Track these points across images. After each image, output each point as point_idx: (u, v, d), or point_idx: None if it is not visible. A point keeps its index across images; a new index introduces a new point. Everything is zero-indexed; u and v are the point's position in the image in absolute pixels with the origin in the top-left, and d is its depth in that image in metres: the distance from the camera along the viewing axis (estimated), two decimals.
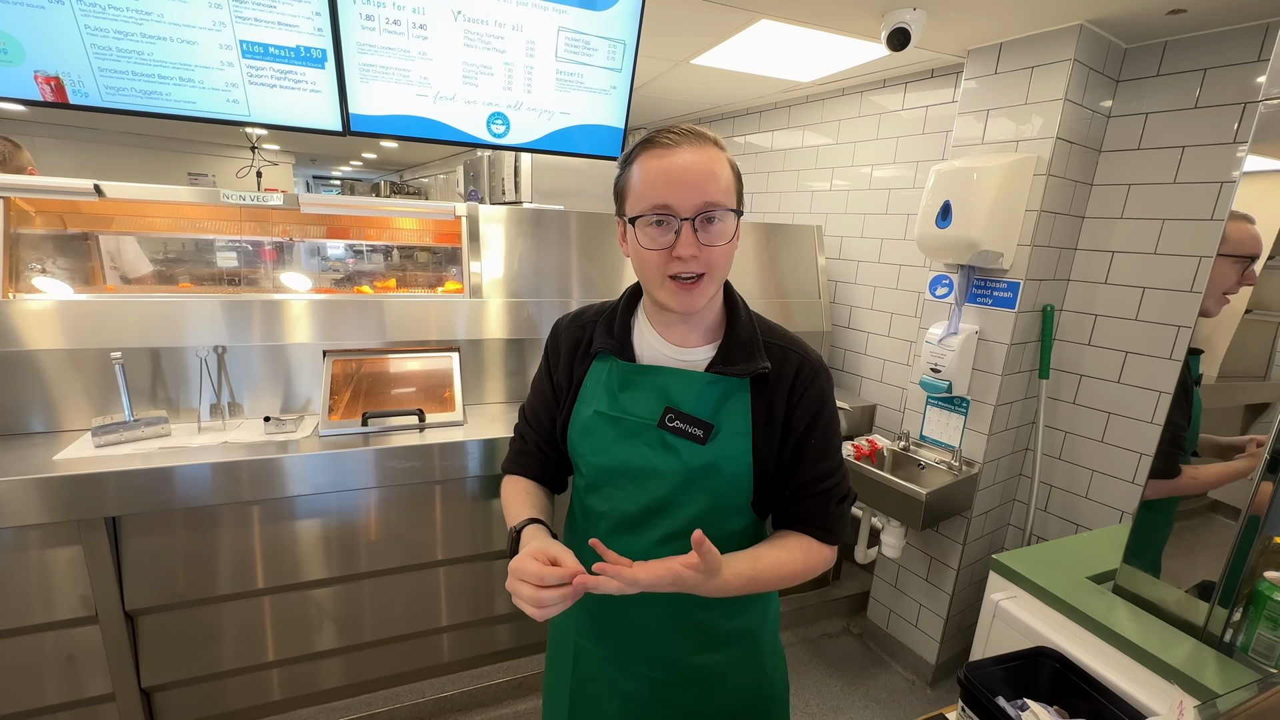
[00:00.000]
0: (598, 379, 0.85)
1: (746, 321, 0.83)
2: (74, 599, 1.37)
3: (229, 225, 1.86)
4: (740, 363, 0.79)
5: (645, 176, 0.74)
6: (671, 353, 0.83)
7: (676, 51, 2.25)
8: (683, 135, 0.74)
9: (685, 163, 0.72)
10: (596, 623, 0.90)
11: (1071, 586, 1.20)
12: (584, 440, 0.84)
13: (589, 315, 0.91)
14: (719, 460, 0.78)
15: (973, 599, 2.10)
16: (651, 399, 0.81)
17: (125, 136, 5.46)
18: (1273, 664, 0.96)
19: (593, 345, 0.86)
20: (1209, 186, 1.61)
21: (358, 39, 1.52)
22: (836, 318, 2.71)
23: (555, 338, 0.92)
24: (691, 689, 0.87)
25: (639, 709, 0.88)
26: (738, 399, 0.79)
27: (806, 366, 0.81)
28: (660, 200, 0.72)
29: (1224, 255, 1.06)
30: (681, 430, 0.79)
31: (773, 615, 0.94)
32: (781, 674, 0.96)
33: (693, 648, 0.86)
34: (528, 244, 1.97)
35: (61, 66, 1.35)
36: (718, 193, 0.72)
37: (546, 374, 0.92)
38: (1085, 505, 1.95)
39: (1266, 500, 0.96)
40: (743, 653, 0.89)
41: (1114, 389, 1.84)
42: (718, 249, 0.74)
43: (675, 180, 0.72)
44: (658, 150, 0.74)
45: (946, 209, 1.77)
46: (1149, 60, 1.72)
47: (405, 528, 1.66)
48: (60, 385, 1.51)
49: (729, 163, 0.76)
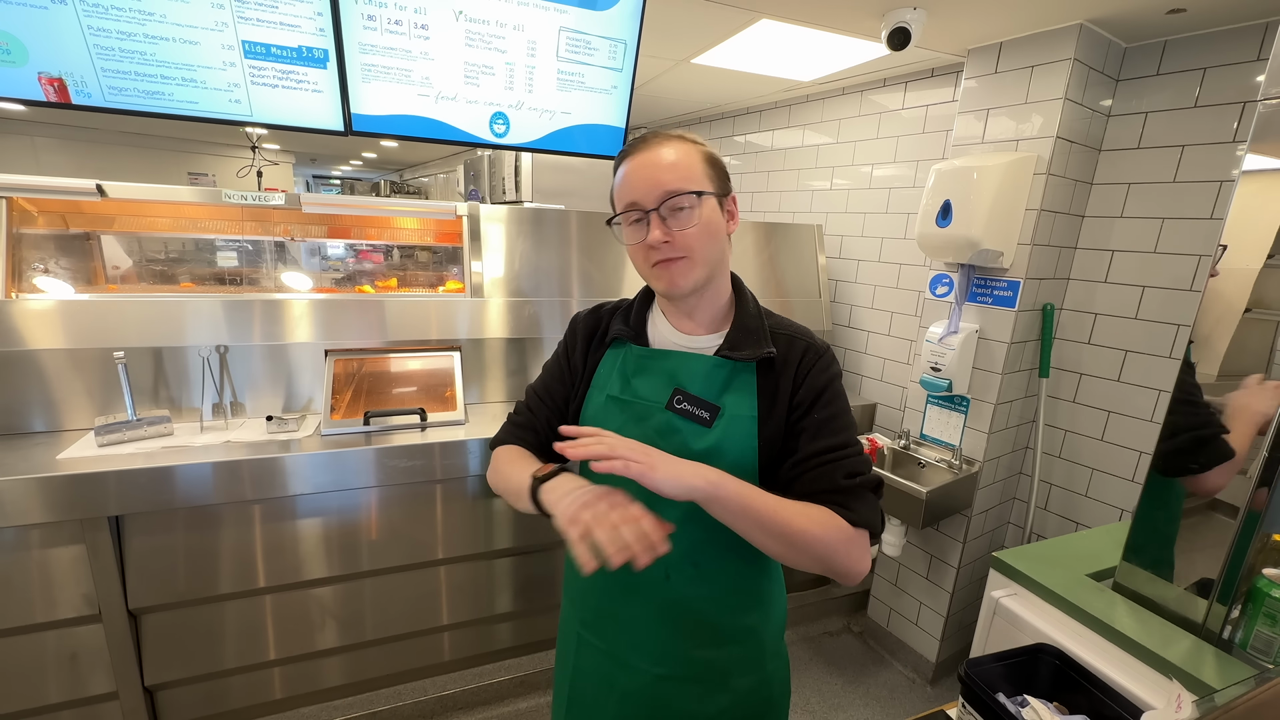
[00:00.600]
0: (612, 365, 0.89)
1: (754, 313, 0.86)
2: (77, 598, 1.38)
3: (230, 225, 1.87)
4: (746, 348, 0.82)
5: (620, 180, 0.81)
6: (681, 340, 0.87)
7: (677, 51, 2.26)
8: (652, 138, 0.80)
9: (646, 160, 0.78)
10: (600, 614, 0.90)
11: (1071, 584, 1.21)
12: (596, 424, 0.86)
13: (606, 308, 0.96)
14: (723, 443, 0.80)
15: (973, 597, 2.10)
16: (661, 382, 0.84)
17: (125, 136, 5.46)
18: (1271, 660, 0.97)
19: (609, 333, 0.90)
20: (1208, 186, 1.62)
21: (359, 39, 1.53)
22: (837, 317, 2.71)
23: (574, 326, 0.96)
24: (692, 686, 0.87)
25: (635, 707, 0.88)
26: (744, 382, 0.82)
27: (812, 351, 0.83)
28: (630, 198, 0.79)
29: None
30: (688, 412, 0.81)
31: (777, 616, 0.93)
32: (781, 677, 0.95)
33: (694, 642, 0.86)
34: (528, 243, 1.98)
35: (64, 67, 1.35)
36: (676, 181, 0.76)
37: (564, 357, 0.96)
38: (1085, 503, 1.95)
39: (1265, 498, 0.97)
40: (744, 651, 0.89)
41: (1114, 387, 1.85)
42: (690, 232, 0.77)
43: (637, 177, 0.78)
44: (628, 155, 0.81)
45: (947, 208, 1.78)
46: (1149, 59, 1.72)
47: (407, 527, 1.66)
48: (62, 385, 1.51)
49: (699, 152, 0.80)
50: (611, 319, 0.92)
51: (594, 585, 0.90)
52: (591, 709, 0.93)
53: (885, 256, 2.47)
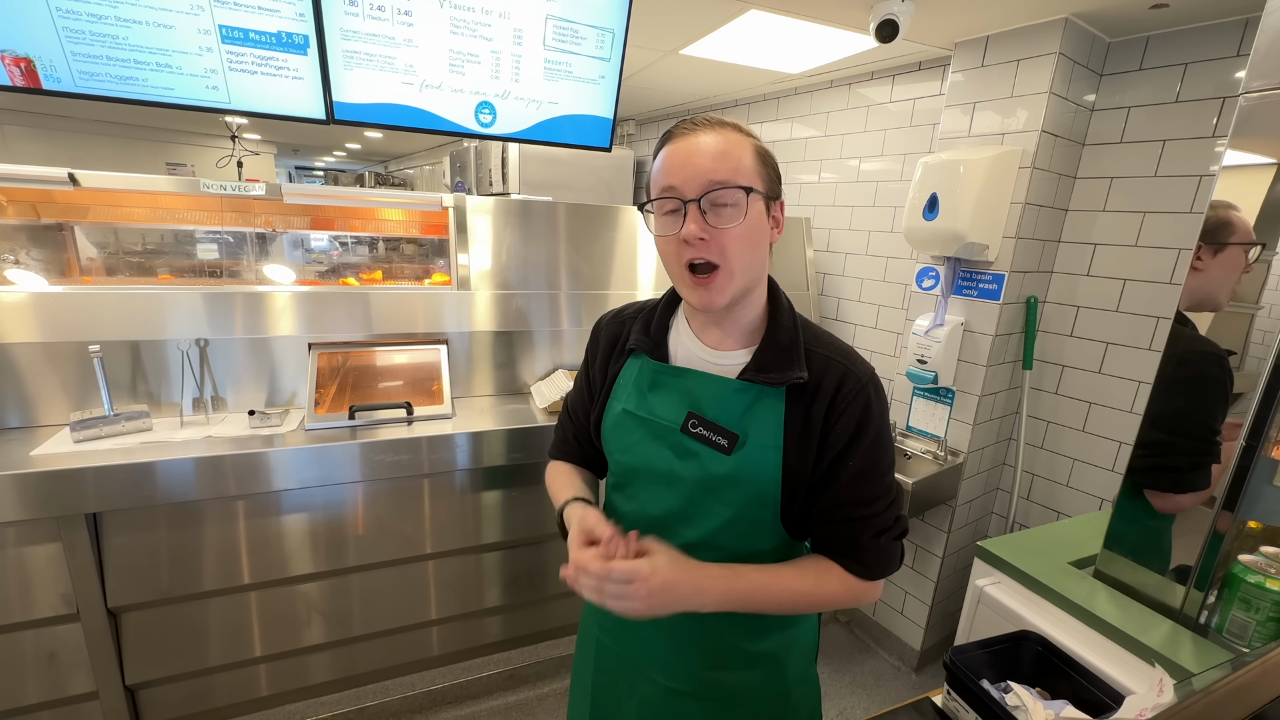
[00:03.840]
0: (629, 377, 0.83)
1: (789, 326, 0.77)
2: (54, 597, 1.35)
3: (210, 216, 1.83)
4: (775, 370, 0.73)
5: (660, 164, 0.72)
6: (706, 355, 0.79)
7: (666, 41, 2.24)
8: (702, 122, 0.72)
9: (694, 145, 0.69)
10: (619, 624, 0.87)
11: (1053, 571, 1.23)
12: (613, 437, 0.83)
13: (629, 312, 0.89)
14: (743, 471, 0.74)
15: (957, 586, 2.14)
16: (677, 402, 0.78)
17: (100, 125, 5.32)
18: (1245, 643, 0.99)
19: (628, 343, 0.84)
20: (1189, 180, 1.64)
21: (341, 25, 1.49)
22: (825, 310, 2.73)
23: (596, 334, 0.91)
24: (708, 704, 0.84)
25: (656, 714, 0.86)
26: (769, 408, 0.74)
27: (850, 379, 0.73)
28: (667, 182, 0.70)
29: (1236, 244, 1.05)
30: (704, 437, 0.75)
31: (802, 643, 0.88)
32: (810, 704, 0.91)
33: (709, 663, 0.83)
34: (516, 236, 1.96)
35: (31, 49, 1.31)
36: (725, 172, 0.68)
37: (585, 369, 0.93)
38: (1066, 493, 1.99)
39: (1241, 484, 0.99)
40: (764, 676, 0.85)
41: (1095, 379, 1.88)
42: (729, 232, 0.69)
43: (682, 163, 0.69)
44: (674, 137, 0.72)
45: (933, 201, 1.79)
46: (1131, 54, 1.74)
47: (393, 521, 1.65)
48: (36, 379, 1.47)
49: (752, 146, 0.72)
50: (633, 326, 0.86)
51: None
52: (615, 708, 0.91)
53: (873, 250, 2.49)
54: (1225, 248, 1.06)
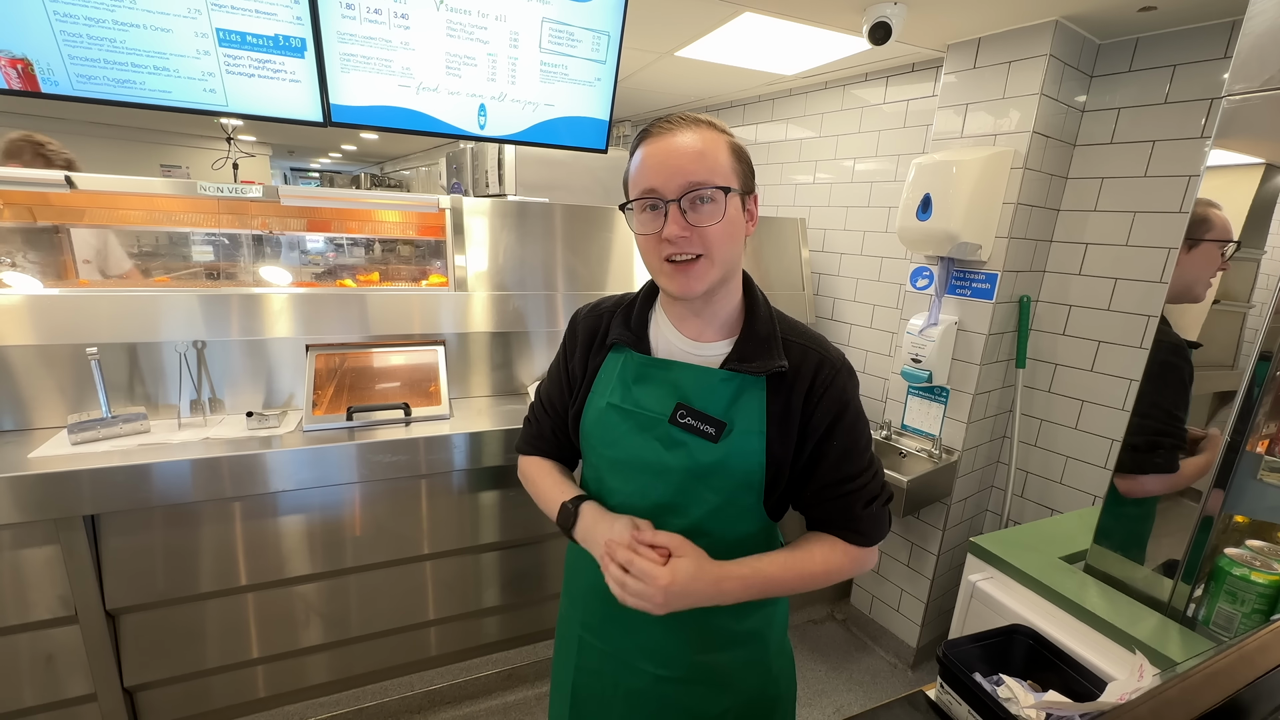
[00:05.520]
0: (612, 371, 0.84)
1: (766, 318, 0.81)
2: (52, 599, 1.35)
3: (206, 218, 1.83)
4: (756, 360, 0.77)
5: (638, 163, 0.75)
6: (687, 347, 0.81)
7: (661, 43, 2.25)
8: (677, 121, 0.74)
9: (672, 145, 0.72)
10: (603, 618, 0.89)
11: (1045, 566, 1.24)
12: (596, 432, 0.84)
13: (607, 306, 0.90)
14: (730, 458, 0.77)
15: (952, 583, 2.15)
16: (664, 394, 0.79)
17: (94, 127, 5.30)
18: (1231, 635, 1.01)
19: (609, 336, 0.85)
20: (1178, 180, 1.66)
21: (338, 28, 1.50)
22: (820, 310, 2.74)
23: (573, 327, 0.92)
24: (696, 687, 0.86)
25: (644, 706, 0.87)
26: (752, 397, 0.77)
27: (826, 365, 0.78)
28: (648, 184, 0.72)
29: (1210, 240, 1.08)
30: (692, 427, 0.77)
31: (780, 616, 0.92)
32: (789, 673, 0.95)
33: (699, 647, 0.85)
34: (512, 237, 1.97)
35: (28, 51, 1.31)
36: (704, 172, 0.71)
37: (563, 362, 0.92)
38: (1059, 490, 2.01)
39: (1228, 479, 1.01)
40: (749, 653, 0.88)
41: (1087, 377, 1.90)
42: (711, 229, 0.72)
43: (661, 163, 0.72)
44: (651, 137, 0.74)
45: (927, 202, 1.80)
46: (1121, 56, 1.76)
47: (391, 522, 1.65)
48: (33, 382, 1.47)
49: (727, 144, 0.74)
50: (612, 320, 0.87)
51: (597, 589, 0.87)
52: (598, 706, 0.91)
53: (867, 250, 2.50)
54: (1200, 243, 1.09)
